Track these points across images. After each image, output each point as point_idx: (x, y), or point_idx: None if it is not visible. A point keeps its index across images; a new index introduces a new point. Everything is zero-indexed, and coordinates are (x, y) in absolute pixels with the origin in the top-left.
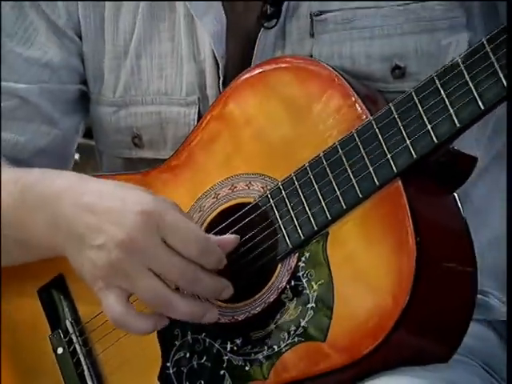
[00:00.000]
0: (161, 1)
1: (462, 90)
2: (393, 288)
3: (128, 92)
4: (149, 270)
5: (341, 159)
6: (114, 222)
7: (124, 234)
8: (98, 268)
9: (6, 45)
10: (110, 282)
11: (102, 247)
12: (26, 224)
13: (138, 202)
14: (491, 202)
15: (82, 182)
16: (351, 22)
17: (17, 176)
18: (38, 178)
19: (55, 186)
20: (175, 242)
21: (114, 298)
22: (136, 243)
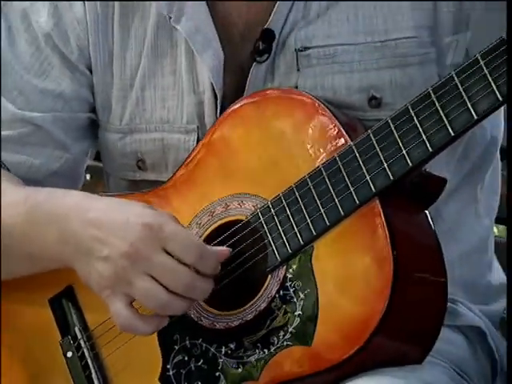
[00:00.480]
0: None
1: (433, 118)
2: (372, 297)
3: (133, 120)
4: (150, 277)
5: (324, 181)
6: (118, 235)
7: (127, 245)
8: (105, 278)
9: (24, 76)
10: (116, 289)
11: (108, 258)
12: (36, 239)
13: (139, 216)
14: (461, 220)
15: (87, 199)
16: (333, 57)
17: (26, 195)
18: (46, 197)
19: (63, 203)
20: (174, 249)
21: (121, 305)
22: (138, 253)
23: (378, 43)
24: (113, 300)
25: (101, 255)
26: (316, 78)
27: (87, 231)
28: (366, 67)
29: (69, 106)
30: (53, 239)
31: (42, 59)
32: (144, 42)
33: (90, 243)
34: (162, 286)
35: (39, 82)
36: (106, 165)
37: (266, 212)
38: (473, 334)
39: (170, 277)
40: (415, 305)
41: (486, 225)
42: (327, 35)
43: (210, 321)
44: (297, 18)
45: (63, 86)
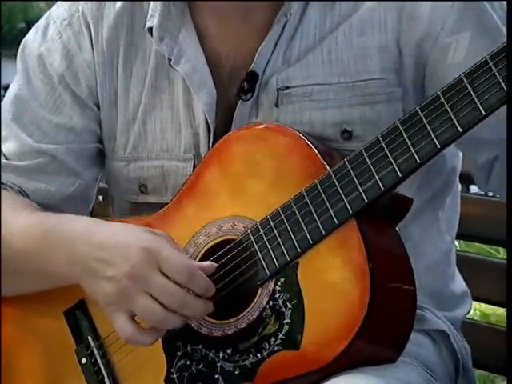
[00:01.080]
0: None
1: (401, 148)
2: (352, 306)
3: (136, 150)
4: (149, 295)
5: (306, 204)
6: (121, 257)
7: (129, 266)
8: (109, 295)
9: (40, 113)
10: (120, 306)
11: (112, 278)
12: (48, 260)
13: (139, 240)
14: (426, 237)
15: (94, 224)
16: (310, 96)
17: (40, 220)
18: (57, 222)
19: (72, 228)
20: (169, 271)
21: (124, 319)
22: (138, 273)
23: (349, 83)
24: (117, 315)
25: (105, 275)
26: (295, 114)
27: (93, 253)
28: (339, 104)
29: (79, 138)
30: (63, 260)
31: (56, 97)
32: (145, 81)
33: (95, 264)
34: (160, 303)
35: (53, 118)
36: (111, 188)
37: (256, 232)
38: (438, 336)
39: (166, 295)
40: (389, 311)
41: (447, 241)
42: (305, 76)
43: (208, 329)
44: (278, 61)
45: (74, 121)
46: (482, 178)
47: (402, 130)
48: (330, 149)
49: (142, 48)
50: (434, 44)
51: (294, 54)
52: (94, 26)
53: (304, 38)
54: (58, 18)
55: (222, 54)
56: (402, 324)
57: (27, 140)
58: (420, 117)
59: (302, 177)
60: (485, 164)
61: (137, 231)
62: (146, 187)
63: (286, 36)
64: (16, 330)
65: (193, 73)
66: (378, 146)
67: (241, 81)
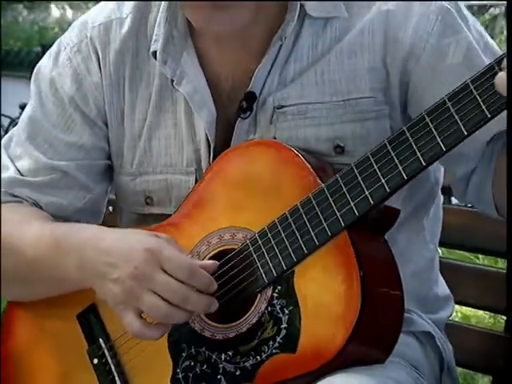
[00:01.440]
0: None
1: (390, 165)
2: (344, 311)
3: (142, 165)
4: (153, 293)
5: (301, 216)
6: (125, 259)
7: (133, 267)
8: (117, 296)
9: (52, 132)
10: (127, 305)
11: (118, 280)
12: (59, 266)
13: (142, 242)
14: (412, 245)
15: (100, 232)
16: (304, 114)
17: (51, 229)
18: (67, 231)
19: (80, 236)
20: (171, 269)
21: (132, 317)
22: (142, 273)
23: (341, 102)
24: (125, 313)
25: (112, 277)
26: (291, 131)
27: (100, 258)
28: (331, 121)
29: (89, 155)
30: (73, 266)
31: (67, 118)
32: (149, 101)
33: (103, 268)
34: (164, 299)
35: (65, 137)
36: (119, 201)
37: (255, 242)
38: (424, 338)
39: (168, 292)
40: (379, 315)
41: (431, 248)
42: (300, 96)
43: (211, 332)
44: (274, 82)
45: (84, 139)
46: (460, 190)
47: (390, 149)
48: (324, 163)
49: (147, 70)
50: (416, 64)
51: (289, 75)
52: (101, 51)
53: (298, 60)
54: (68, 44)
55: (221, 75)
56: (390, 327)
57: (41, 157)
58: (406, 136)
59: (297, 191)
60: (463, 177)
61: (140, 235)
62: (151, 199)
63: (281, 58)
64: (31, 332)
65: (194, 93)
66: (368, 163)
67: (240, 100)
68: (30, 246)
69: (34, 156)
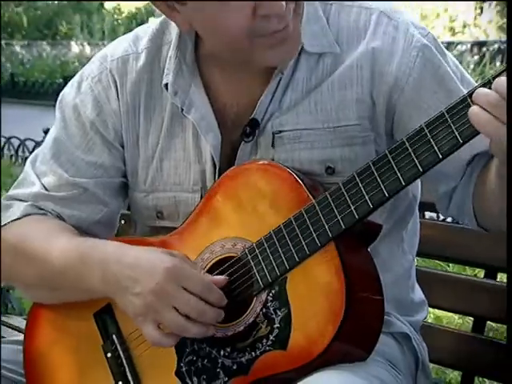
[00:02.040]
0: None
1: (373, 184)
2: (331, 314)
3: (154, 183)
4: (173, 308)
5: (294, 228)
6: (147, 276)
7: (154, 283)
8: (138, 308)
9: (74, 153)
10: (146, 317)
11: (140, 294)
12: (85, 278)
13: (162, 261)
14: (393, 255)
15: (122, 247)
16: (299, 138)
17: (77, 244)
18: (92, 246)
19: (104, 251)
20: (189, 286)
21: (151, 328)
22: (162, 289)
23: (331, 129)
24: (145, 325)
25: (134, 291)
26: (287, 153)
27: (124, 272)
28: (323, 146)
29: (107, 173)
30: (97, 278)
31: (88, 140)
32: (162, 127)
33: (125, 282)
34: (182, 314)
35: (85, 157)
36: (133, 214)
37: (252, 251)
38: (401, 338)
39: (188, 308)
40: (362, 318)
41: (409, 259)
42: (295, 123)
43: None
44: (273, 110)
45: (103, 159)
46: (442, 206)
47: (374, 169)
48: (315, 182)
49: (160, 100)
50: (400, 95)
51: (286, 104)
52: (119, 82)
53: (294, 91)
54: (89, 75)
55: (226, 103)
56: (372, 328)
57: (64, 175)
58: (388, 159)
59: (290, 206)
60: (445, 194)
61: (159, 253)
62: (161, 214)
63: (280, 90)
64: (52, 329)
65: (201, 120)
66: (354, 182)
67: (243, 126)
68: (57, 258)
69: (57, 173)
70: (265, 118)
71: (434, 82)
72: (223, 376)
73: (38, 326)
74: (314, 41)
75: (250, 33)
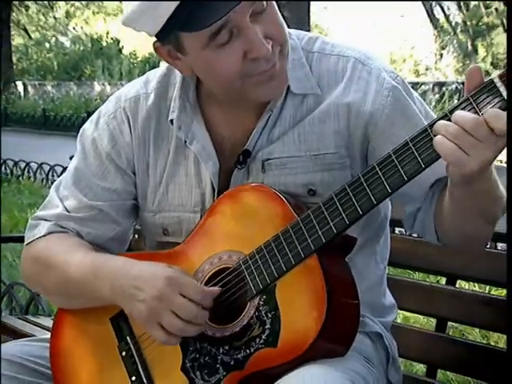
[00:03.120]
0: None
1: (349, 203)
2: (314, 316)
3: (161, 204)
4: (172, 312)
5: (281, 242)
6: (150, 285)
7: (156, 291)
8: (143, 313)
9: (92, 179)
10: (151, 320)
11: (143, 300)
12: (96, 288)
13: (163, 271)
14: (367, 265)
15: (129, 262)
16: (285, 165)
17: (91, 259)
18: (103, 261)
19: (113, 266)
20: (187, 293)
21: (158, 330)
22: (164, 296)
23: (313, 156)
24: (151, 327)
25: (139, 298)
26: (275, 178)
27: (130, 283)
28: (305, 171)
29: (120, 197)
30: (107, 289)
31: (104, 168)
32: (168, 156)
33: (131, 291)
34: (180, 318)
35: (101, 183)
36: (143, 231)
37: (246, 262)
38: (375, 336)
39: (185, 311)
40: (341, 319)
41: (381, 268)
42: (282, 151)
43: (212, 331)
44: (263, 141)
45: (116, 185)
46: (408, 224)
47: (349, 191)
48: (299, 202)
49: (166, 133)
50: (374, 128)
51: (275, 136)
52: (132, 118)
53: (282, 125)
54: (106, 112)
55: (224, 136)
56: (349, 328)
57: (83, 199)
58: (361, 181)
59: (278, 223)
60: (410, 214)
61: (160, 266)
62: (167, 231)
63: (269, 125)
64: (75, 331)
65: (202, 150)
66: (332, 201)
67: (237, 155)
68: (74, 271)
69: (78, 197)
70: (255, 148)
71: (403, 117)
72: (222, 370)
73: (63, 327)
74: (298, 84)
75: (241, 74)
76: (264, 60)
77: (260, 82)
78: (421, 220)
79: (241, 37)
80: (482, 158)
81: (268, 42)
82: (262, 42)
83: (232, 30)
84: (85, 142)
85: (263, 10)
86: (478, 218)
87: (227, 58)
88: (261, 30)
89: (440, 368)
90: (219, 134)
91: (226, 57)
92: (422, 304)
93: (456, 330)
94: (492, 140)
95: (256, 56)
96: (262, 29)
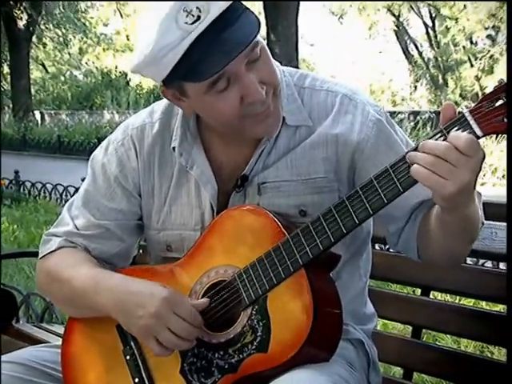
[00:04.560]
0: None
1: (334, 222)
2: (302, 325)
3: (164, 223)
4: (168, 329)
5: (273, 258)
6: (148, 302)
7: (153, 309)
8: (141, 329)
9: (100, 200)
10: (147, 335)
11: (142, 317)
12: (98, 301)
13: (159, 291)
14: (351, 279)
15: (128, 279)
16: (279, 188)
17: (95, 273)
18: (105, 277)
19: (113, 281)
20: (180, 313)
21: (154, 343)
22: (160, 314)
23: (304, 180)
24: (148, 341)
25: (138, 315)
26: (269, 200)
27: (129, 299)
28: (297, 194)
29: (126, 217)
30: (108, 302)
31: (111, 190)
32: (171, 180)
33: (130, 306)
34: (174, 334)
35: (109, 204)
36: (148, 246)
37: (240, 276)
38: (357, 343)
39: (179, 329)
40: (326, 327)
41: (364, 281)
42: (276, 176)
43: (208, 338)
44: (259, 167)
45: (123, 205)
46: (392, 242)
47: (335, 212)
48: (289, 222)
49: (170, 158)
50: (361, 155)
51: (270, 162)
52: (138, 145)
53: (276, 153)
54: (115, 140)
55: (222, 162)
56: (333, 335)
57: (91, 218)
58: (346, 203)
59: (270, 240)
60: (394, 233)
61: (157, 286)
62: (170, 247)
63: (265, 153)
64: (83, 337)
65: (201, 175)
66: (319, 221)
67: (235, 179)
68: (78, 284)
69: (87, 217)
70: (252, 173)
71: (386, 146)
72: (217, 373)
73: (73, 334)
74: (292, 116)
75: (239, 116)
76: (259, 103)
77: (256, 121)
78: (404, 239)
79: (238, 83)
80: (459, 181)
81: (262, 87)
82: (257, 88)
83: (229, 78)
84: (95, 167)
85: (257, 58)
86: (463, 240)
87: (226, 102)
88: (255, 77)
89: (416, 371)
90: (218, 160)
91: (224, 101)
92: (399, 313)
93: (430, 336)
94: (463, 162)
95: (252, 101)
96: (256, 75)
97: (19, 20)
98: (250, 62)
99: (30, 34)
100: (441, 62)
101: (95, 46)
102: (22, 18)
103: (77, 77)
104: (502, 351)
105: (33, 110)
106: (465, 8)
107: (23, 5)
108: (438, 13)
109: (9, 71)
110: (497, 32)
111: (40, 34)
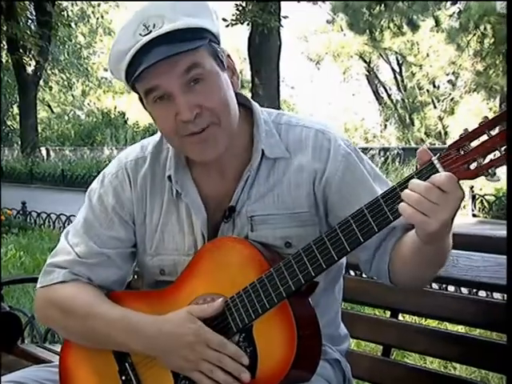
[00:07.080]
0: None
1: (314, 258)
2: (286, 351)
3: (157, 249)
4: (207, 361)
5: (257, 289)
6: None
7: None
8: (183, 366)
9: (99, 229)
10: (191, 370)
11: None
12: (128, 344)
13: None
14: (328, 304)
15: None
16: (266, 221)
17: (121, 316)
18: (137, 320)
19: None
20: (214, 346)
21: (201, 376)
22: (197, 351)
23: (289, 214)
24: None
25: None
26: (257, 232)
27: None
28: (283, 226)
29: (124, 244)
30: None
31: (109, 219)
32: (162, 207)
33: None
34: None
35: (107, 232)
36: (142, 271)
37: (228, 305)
38: (334, 362)
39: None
40: (307, 349)
41: (339, 304)
42: (263, 209)
43: None
44: (244, 199)
45: (121, 233)
46: (365, 269)
47: (315, 248)
48: (273, 254)
49: (160, 188)
50: (330, 189)
51: (254, 195)
52: (132, 177)
53: (259, 185)
54: (110, 173)
55: (209, 193)
56: (314, 357)
57: (93, 246)
58: (324, 241)
59: (255, 272)
60: (366, 261)
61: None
62: (164, 271)
63: (248, 184)
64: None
65: (192, 203)
66: (300, 257)
67: (223, 210)
68: (102, 324)
69: (89, 245)
70: (239, 204)
71: (354, 179)
72: None
73: (70, 355)
74: (271, 149)
75: (176, 131)
76: (192, 124)
77: (192, 143)
78: (376, 266)
79: (171, 101)
80: (441, 218)
81: (197, 111)
82: (186, 109)
83: (165, 94)
84: (92, 198)
85: (199, 80)
86: (435, 266)
87: (162, 113)
88: (192, 99)
89: None
90: (205, 191)
91: (161, 112)
92: (370, 333)
93: (399, 353)
94: (443, 199)
95: (180, 118)
96: (192, 97)
97: (28, 66)
98: (189, 82)
99: (37, 78)
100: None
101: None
102: (31, 64)
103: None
104: (463, 367)
105: (39, 147)
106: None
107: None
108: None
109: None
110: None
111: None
